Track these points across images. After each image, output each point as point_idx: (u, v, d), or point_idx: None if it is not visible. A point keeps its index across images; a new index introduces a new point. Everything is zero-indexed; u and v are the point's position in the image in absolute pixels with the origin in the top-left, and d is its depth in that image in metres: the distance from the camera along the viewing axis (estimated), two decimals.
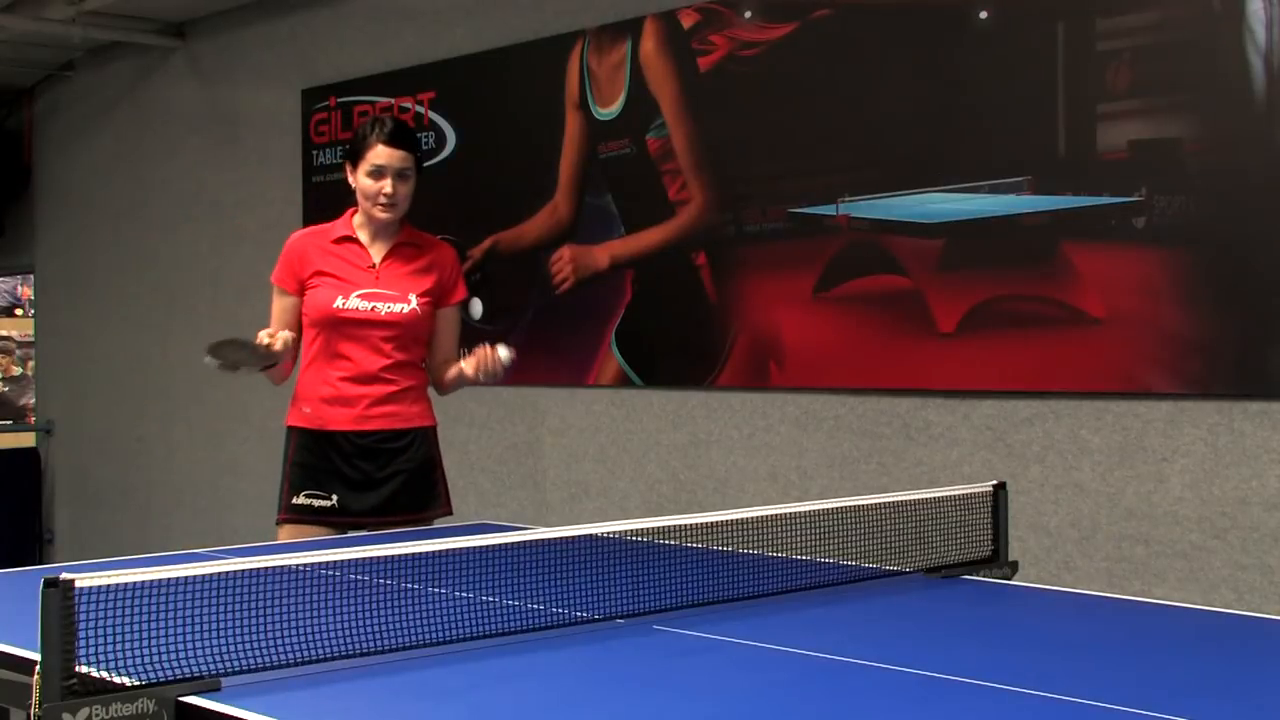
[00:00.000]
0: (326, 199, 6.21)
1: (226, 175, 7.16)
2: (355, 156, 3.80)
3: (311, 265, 3.81)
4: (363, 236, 3.85)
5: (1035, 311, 4.16)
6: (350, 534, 3.85)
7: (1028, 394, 4.21)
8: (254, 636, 2.19)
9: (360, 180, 3.79)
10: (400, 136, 3.79)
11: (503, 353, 3.74)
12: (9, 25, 7.10)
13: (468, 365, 3.81)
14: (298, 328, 3.84)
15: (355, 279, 3.80)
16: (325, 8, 6.59)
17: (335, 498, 3.82)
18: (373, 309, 3.78)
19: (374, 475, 3.84)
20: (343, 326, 3.78)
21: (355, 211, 3.88)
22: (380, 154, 3.75)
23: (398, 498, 3.86)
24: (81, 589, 1.99)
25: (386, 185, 3.76)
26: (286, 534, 3.84)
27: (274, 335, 3.68)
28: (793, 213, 4.73)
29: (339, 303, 3.77)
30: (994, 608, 2.79)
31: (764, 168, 4.83)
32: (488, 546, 2.65)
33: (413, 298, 3.82)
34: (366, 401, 3.81)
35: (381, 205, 3.78)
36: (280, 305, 3.86)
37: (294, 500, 3.83)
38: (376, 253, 3.84)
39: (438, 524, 3.98)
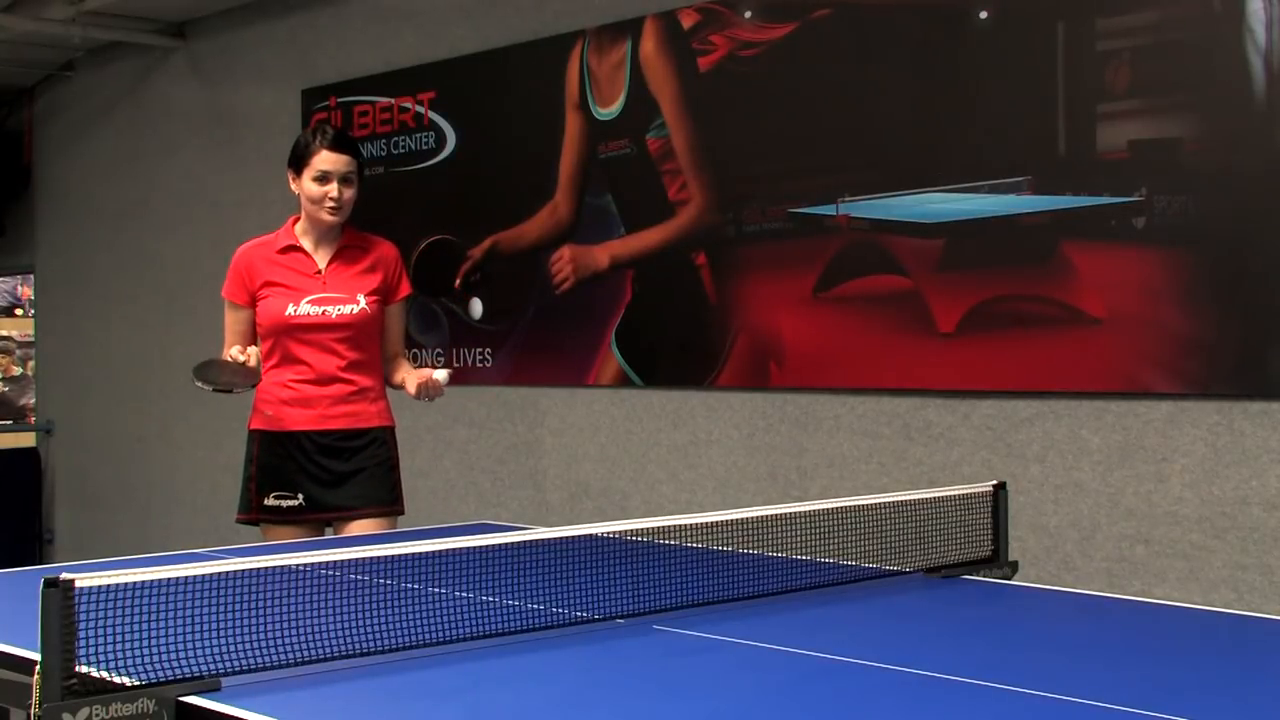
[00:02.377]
0: None
1: (226, 175, 7.16)
2: (299, 163, 3.91)
3: (260, 276, 3.93)
4: (306, 244, 3.96)
5: (1035, 311, 4.16)
6: (320, 536, 3.93)
7: (1028, 394, 4.21)
8: (254, 636, 2.19)
9: (305, 186, 3.90)
10: (343, 142, 3.94)
11: (440, 376, 3.90)
12: (9, 25, 7.09)
13: (410, 383, 3.95)
14: (252, 339, 3.95)
15: (303, 286, 3.92)
16: (325, 8, 6.59)
17: (301, 496, 3.93)
18: (323, 313, 3.90)
19: (337, 471, 3.94)
20: (296, 332, 3.90)
21: (297, 220, 3.99)
22: (326, 159, 3.87)
23: (361, 494, 3.96)
24: (81, 589, 1.99)
25: (333, 189, 3.87)
26: (257, 536, 3.95)
27: (244, 351, 3.81)
28: (793, 213, 4.73)
29: (290, 310, 3.89)
30: (994, 608, 2.79)
31: (764, 168, 4.83)
32: (488, 546, 2.66)
33: (361, 298, 3.94)
34: (326, 402, 3.93)
35: (329, 209, 3.89)
36: (234, 318, 3.97)
37: (263, 502, 3.95)
38: (321, 258, 3.96)
39: (438, 524, 3.99)
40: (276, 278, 3.92)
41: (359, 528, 3.92)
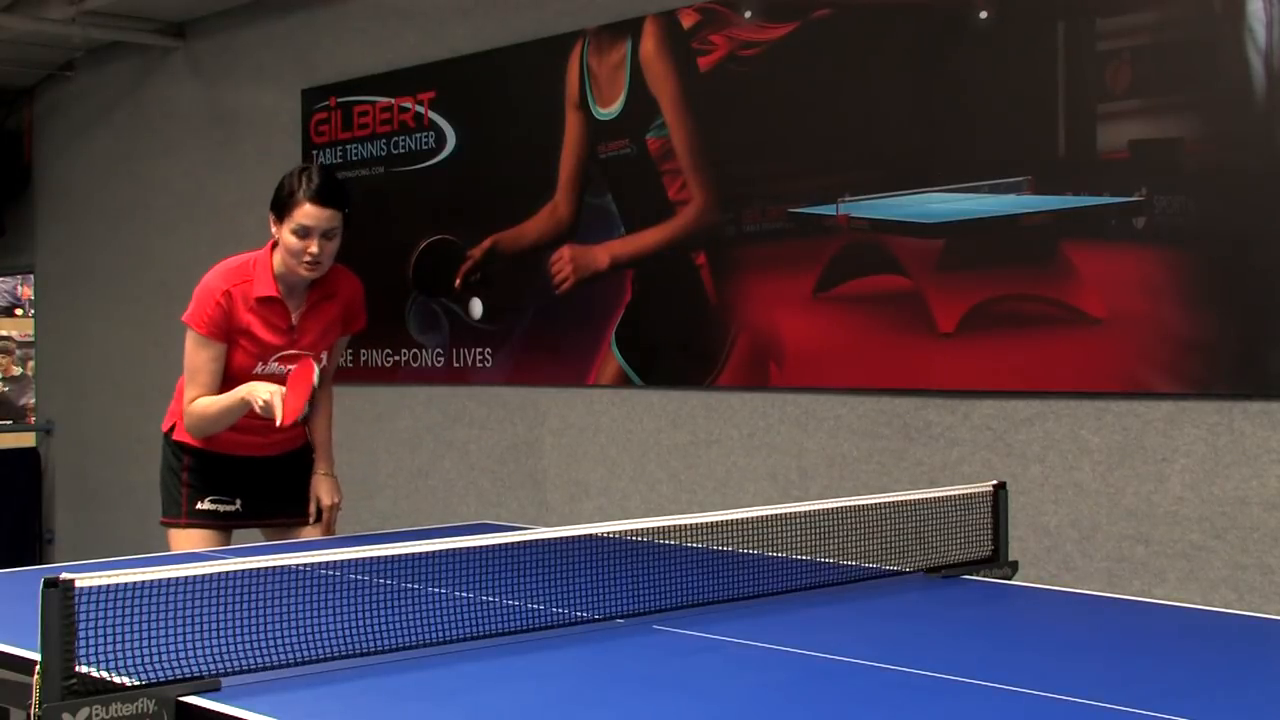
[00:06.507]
0: None
1: (226, 175, 7.16)
2: (281, 211, 3.69)
3: (238, 322, 3.75)
4: (281, 288, 3.77)
5: (1035, 311, 4.16)
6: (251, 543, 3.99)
7: (1028, 394, 4.21)
8: (254, 636, 2.19)
9: (285, 237, 3.68)
10: (329, 195, 3.67)
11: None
12: (9, 25, 7.09)
13: (322, 492, 3.99)
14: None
15: (273, 341, 3.78)
16: (325, 8, 6.59)
17: (239, 502, 3.94)
18: (287, 371, 3.78)
19: (273, 480, 3.98)
20: (256, 382, 3.75)
21: (274, 246, 3.76)
22: (308, 214, 3.65)
23: (293, 500, 4.00)
24: (81, 589, 1.99)
25: (313, 245, 3.67)
26: (184, 540, 3.94)
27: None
28: (793, 213, 4.73)
29: (258, 369, 3.79)
30: (994, 608, 2.80)
31: (764, 168, 4.83)
32: (488, 546, 2.66)
33: (324, 355, 3.87)
34: (270, 433, 3.87)
35: (306, 265, 3.70)
36: (212, 354, 3.74)
37: (198, 506, 3.93)
38: (294, 306, 3.80)
39: (438, 524, 4.01)
40: (252, 329, 3.75)
41: (303, 535, 3.98)
